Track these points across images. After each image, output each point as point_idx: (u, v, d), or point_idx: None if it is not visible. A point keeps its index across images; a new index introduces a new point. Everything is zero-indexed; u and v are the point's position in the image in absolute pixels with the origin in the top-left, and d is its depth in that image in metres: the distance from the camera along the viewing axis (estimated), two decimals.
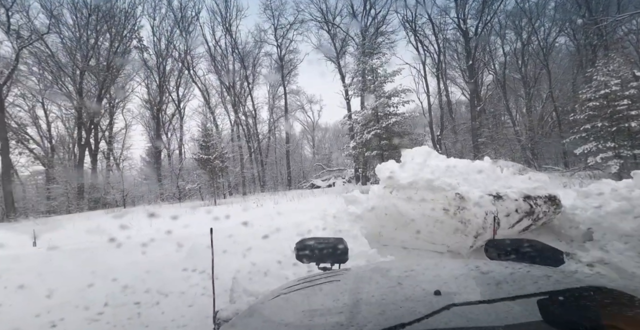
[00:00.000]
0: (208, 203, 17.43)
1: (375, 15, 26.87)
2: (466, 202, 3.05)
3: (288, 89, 31.22)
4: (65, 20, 22.71)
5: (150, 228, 8.28)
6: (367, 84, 19.80)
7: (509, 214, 3.06)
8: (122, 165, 28.01)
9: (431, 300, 0.68)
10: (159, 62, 27.61)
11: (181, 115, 29.84)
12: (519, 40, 25.82)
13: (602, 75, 13.79)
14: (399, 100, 19.00)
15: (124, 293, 2.86)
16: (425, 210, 3.18)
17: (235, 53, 29.27)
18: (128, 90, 27.23)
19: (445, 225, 3.11)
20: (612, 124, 13.48)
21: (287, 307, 0.88)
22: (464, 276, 0.91)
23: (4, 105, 19.60)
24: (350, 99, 25.94)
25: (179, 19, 27.78)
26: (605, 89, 13.60)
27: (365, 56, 20.03)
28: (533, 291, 0.71)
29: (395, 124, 18.59)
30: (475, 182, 3.39)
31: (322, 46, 29.20)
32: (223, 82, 29.12)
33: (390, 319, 0.63)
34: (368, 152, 18.91)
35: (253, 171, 28.26)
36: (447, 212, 3.09)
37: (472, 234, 3.02)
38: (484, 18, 24.74)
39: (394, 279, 0.94)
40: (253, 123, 30.18)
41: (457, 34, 27.00)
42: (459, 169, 3.47)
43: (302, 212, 5.47)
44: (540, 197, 3.14)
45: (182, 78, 29.28)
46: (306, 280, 1.06)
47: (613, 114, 13.46)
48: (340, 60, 28.21)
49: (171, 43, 28.01)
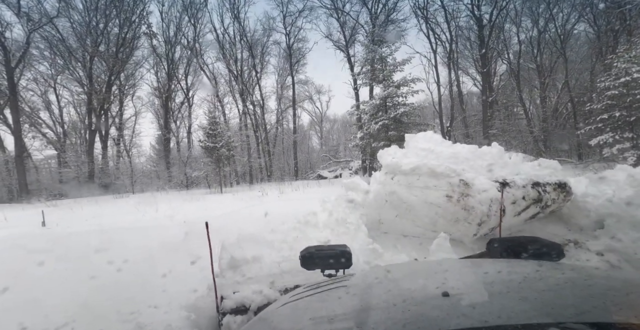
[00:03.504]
0: (214, 191, 17.58)
1: (385, 2, 26.11)
2: (470, 189, 2.92)
3: (296, 79, 31.00)
4: (75, 4, 22.69)
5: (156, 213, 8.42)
6: (376, 73, 19.38)
7: (515, 201, 2.92)
8: (131, 152, 28.44)
9: (440, 302, 0.67)
10: (168, 49, 27.56)
11: (190, 104, 29.96)
12: (535, 27, 24.81)
13: (623, 62, 13.15)
14: (408, 89, 18.60)
15: (123, 270, 2.86)
16: (428, 197, 3.07)
17: (243, 41, 28.99)
18: (137, 77, 27.38)
19: (447, 212, 2.99)
20: (630, 113, 12.92)
21: (294, 315, 0.87)
22: (470, 276, 0.90)
23: (17, 88, 19.93)
24: (359, 88, 25.54)
25: (187, 4, 27.53)
26: (626, 76, 12.98)
27: (374, 44, 19.51)
28: (541, 288, 0.71)
29: (403, 114, 18.25)
30: (481, 168, 3.24)
31: (331, 35, 28.66)
32: (231, 71, 28.98)
33: (400, 324, 0.62)
34: (375, 143, 18.66)
35: (260, 161, 28.31)
36: (450, 199, 2.97)
37: (476, 221, 2.90)
38: (499, 4, 23.73)
39: (401, 282, 0.95)
40: (261, 113, 30.12)
41: (470, 22, 26.09)
42: (465, 155, 3.33)
43: (303, 200, 5.42)
44: (550, 184, 2.99)
45: (190, 66, 29.27)
46: (312, 287, 1.06)
47: (633, 102, 12.87)
48: (350, 49, 27.70)
49: (180, 30, 27.92)
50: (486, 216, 2.88)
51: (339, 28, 27.80)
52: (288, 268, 2.05)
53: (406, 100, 18.82)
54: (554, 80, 25.66)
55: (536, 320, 0.56)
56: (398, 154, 3.59)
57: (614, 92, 13.43)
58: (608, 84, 13.70)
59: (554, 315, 0.57)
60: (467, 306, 0.66)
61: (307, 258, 1.46)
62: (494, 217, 2.90)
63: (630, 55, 13.11)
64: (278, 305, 1.01)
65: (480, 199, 2.89)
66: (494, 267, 0.96)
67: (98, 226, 6.29)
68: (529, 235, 1.29)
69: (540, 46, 24.82)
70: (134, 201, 12.17)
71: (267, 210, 3.83)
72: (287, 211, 3.75)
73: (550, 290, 0.71)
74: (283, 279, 2.10)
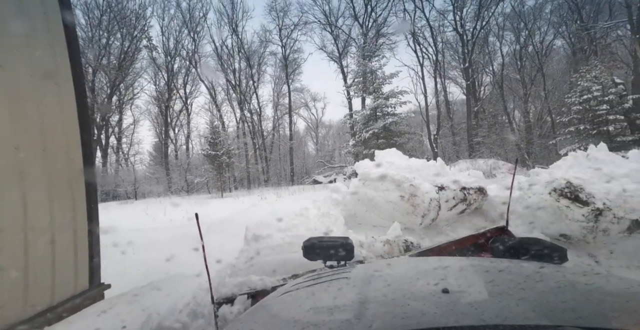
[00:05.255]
0: (215, 196, 18.66)
1: (376, 18, 27.75)
2: (417, 191, 4.14)
3: (292, 87, 32.28)
4: (78, 20, 23.88)
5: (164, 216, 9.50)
6: (367, 84, 20.81)
7: (448, 200, 4.14)
8: (132, 159, 29.38)
9: (439, 298, 0.67)
10: (167, 60, 28.78)
11: (188, 112, 31.10)
12: (517, 42, 26.63)
13: (585, 81, 14.71)
14: (396, 101, 20.05)
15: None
16: (388, 197, 4.28)
17: (241, 53, 30.36)
18: (137, 88, 28.49)
19: (401, 208, 4.20)
20: (593, 127, 14.42)
21: (294, 304, 0.89)
22: (471, 274, 0.90)
23: None
24: (352, 98, 26.98)
25: (187, 19, 28.88)
26: (588, 94, 14.52)
27: (364, 59, 20.97)
28: (541, 290, 0.70)
29: (392, 123, 19.66)
30: (428, 176, 4.47)
31: (325, 47, 30.19)
32: (229, 81, 30.27)
33: (398, 318, 0.63)
34: (366, 150, 19.97)
35: (258, 167, 29.43)
36: (403, 198, 4.18)
37: (420, 214, 4.11)
38: (480, 21, 25.43)
39: (402, 277, 0.95)
40: (258, 120, 31.32)
41: (456, 36, 27.75)
42: (416, 167, 4.56)
43: (299, 200, 6.60)
44: (472, 188, 4.21)
45: (189, 76, 30.53)
46: (313, 277, 1.07)
47: (594, 117, 14.40)
48: (343, 60, 29.21)
49: (179, 42, 29.21)
50: (427, 210, 4.10)
51: (333, 41, 29.36)
52: (289, 241, 3.21)
53: (395, 110, 20.27)
54: (538, 91, 27.34)
55: (534, 322, 0.56)
56: (370, 165, 4.81)
57: (579, 107, 14.96)
58: (574, 100, 15.24)
59: (553, 317, 0.57)
60: (466, 304, 0.66)
61: (309, 248, 1.49)
62: (433, 211, 4.11)
63: (591, 75, 14.66)
64: (279, 293, 1.03)
65: (423, 198, 4.11)
66: (495, 266, 0.95)
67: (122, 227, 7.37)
68: (533, 237, 1.29)
69: (522, 60, 26.57)
70: (142, 206, 13.09)
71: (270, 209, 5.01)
72: (287, 209, 4.93)
73: (550, 292, 0.70)
74: (287, 254, 3.21)
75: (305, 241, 1.53)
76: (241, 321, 0.91)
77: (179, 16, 28.74)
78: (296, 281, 1.11)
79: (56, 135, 2.19)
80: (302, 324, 0.69)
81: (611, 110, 14.03)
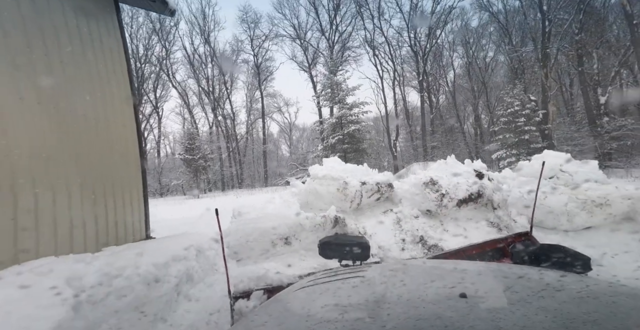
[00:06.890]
0: (191, 197, 19.95)
1: (341, 33, 30.21)
2: (348, 185, 6.18)
3: (265, 93, 33.76)
4: None
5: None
6: (333, 96, 23.08)
7: (367, 191, 6.24)
8: None
9: (456, 302, 0.66)
10: (137, 67, 29.10)
11: (159, 116, 31.69)
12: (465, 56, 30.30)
13: (509, 98, 17.87)
14: (359, 110, 22.46)
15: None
16: (329, 189, 6.28)
17: (214, 61, 31.54)
18: None
19: (337, 197, 6.20)
20: (515, 135, 17.56)
21: (308, 300, 0.89)
22: (490, 279, 0.88)
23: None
24: (321, 106, 29.15)
25: (157, 28, 29.39)
26: (511, 108, 17.67)
27: (330, 73, 23.23)
28: (562, 300, 0.68)
29: (355, 130, 22.03)
30: (357, 175, 6.56)
31: (295, 57, 32.21)
32: (202, 87, 31.36)
33: (413, 319, 0.62)
34: (333, 154, 22.19)
35: (232, 169, 30.67)
36: (338, 190, 6.20)
37: (349, 201, 6.15)
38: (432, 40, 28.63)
39: (418, 278, 0.94)
40: (232, 124, 32.58)
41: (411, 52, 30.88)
42: (350, 170, 6.64)
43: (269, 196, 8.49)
44: (384, 183, 6.35)
45: (159, 80, 31.05)
46: (329, 275, 1.08)
47: (516, 128, 17.55)
48: (313, 70, 31.36)
49: (149, 50, 29.63)
50: (354, 198, 6.15)
51: (302, 52, 31.45)
52: (261, 216, 5.11)
53: (358, 118, 22.67)
54: (485, 101, 31.05)
55: None
56: (318, 168, 6.82)
57: (505, 119, 18.09)
58: (502, 112, 18.37)
59: (574, 329, 0.55)
60: (483, 310, 0.64)
61: (325, 246, 1.52)
62: (357, 198, 6.18)
63: (513, 92, 17.85)
64: (294, 289, 1.04)
65: (351, 190, 6.17)
66: (515, 272, 0.91)
67: None
68: (555, 244, 1.28)
69: (470, 73, 30.21)
70: None
71: (246, 202, 6.87)
72: (259, 202, 6.82)
73: (572, 302, 0.66)
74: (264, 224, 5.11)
75: (321, 239, 1.59)
76: (256, 314, 0.94)
77: (149, 24, 29.15)
78: (311, 278, 1.13)
79: (129, 145, 3.97)
80: (315, 319, 0.71)
81: (527, 122, 17.21)
